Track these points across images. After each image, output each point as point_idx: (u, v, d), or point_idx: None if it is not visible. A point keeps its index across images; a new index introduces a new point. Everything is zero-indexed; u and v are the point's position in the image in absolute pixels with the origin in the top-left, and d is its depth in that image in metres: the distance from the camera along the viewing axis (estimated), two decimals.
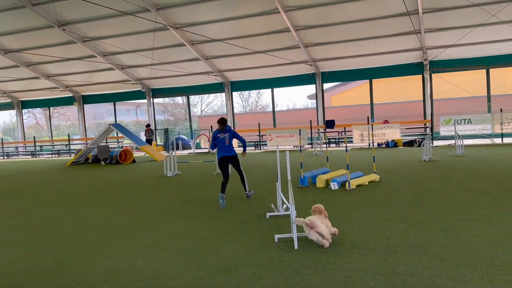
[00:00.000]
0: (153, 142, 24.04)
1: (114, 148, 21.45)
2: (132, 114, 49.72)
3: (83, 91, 27.99)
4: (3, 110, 31.32)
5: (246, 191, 8.16)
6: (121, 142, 26.73)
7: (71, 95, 27.91)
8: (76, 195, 9.98)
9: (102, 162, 18.52)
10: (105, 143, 22.35)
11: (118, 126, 20.06)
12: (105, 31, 20.46)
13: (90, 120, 38.63)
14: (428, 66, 20.47)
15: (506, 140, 18.49)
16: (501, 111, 18.36)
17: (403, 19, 17.62)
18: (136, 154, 21.70)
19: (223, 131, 8.01)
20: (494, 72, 20.60)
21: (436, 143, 18.84)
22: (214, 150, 8.39)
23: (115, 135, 26.35)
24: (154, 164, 17.07)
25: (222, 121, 8.02)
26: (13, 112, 31.41)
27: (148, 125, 24.00)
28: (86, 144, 23.69)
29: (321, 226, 4.81)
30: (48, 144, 30.59)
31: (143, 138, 23.58)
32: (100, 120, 43.26)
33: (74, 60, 22.61)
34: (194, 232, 5.80)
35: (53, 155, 27.64)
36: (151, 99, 26.67)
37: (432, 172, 10.28)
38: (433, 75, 20.85)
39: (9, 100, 29.57)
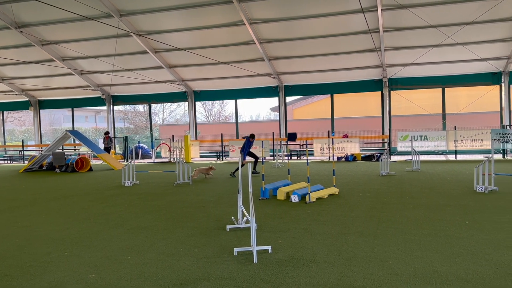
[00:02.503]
0: (112, 151, 23.43)
1: (71, 155, 20.75)
2: (91, 121, 48.50)
3: (40, 96, 26.99)
4: None
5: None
6: (78, 149, 25.89)
7: (27, 99, 26.85)
8: (26, 204, 9.51)
9: (57, 170, 17.84)
10: (61, 150, 21.60)
11: (75, 133, 19.42)
12: (65, 35, 19.87)
13: (47, 126, 37.32)
14: (387, 83, 21.09)
15: (460, 157, 19.26)
16: (455, 129, 19.13)
17: (364, 37, 18.12)
18: (93, 162, 21.06)
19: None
20: (449, 91, 21.49)
21: (394, 158, 19.37)
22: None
23: (72, 142, 25.52)
24: (111, 173, 16.60)
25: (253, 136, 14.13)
26: None
27: (107, 133, 23.38)
28: (41, 150, 22.79)
29: None
30: (0, 149, 29.21)
31: (102, 146, 22.94)
32: (57, 126, 41.90)
33: (31, 63, 21.81)
34: (150, 245, 5.62)
35: (5, 161, 26.39)
36: (111, 106, 26.04)
37: (389, 186, 10.51)
38: (391, 92, 21.50)
39: None
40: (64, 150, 23.78)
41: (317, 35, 18.53)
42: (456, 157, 19.15)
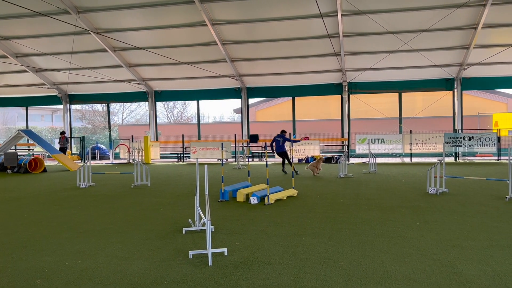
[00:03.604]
0: (68, 151, 22.70)
1: (24, 155, 19.95)
2: (47, 120, 46.89)
3: None
4: None
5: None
6: (32, 149, 24.93)
7: None
8: None
9: (9, 171, 17.11)
10: (13, 150, 20.73)
11: (29, 133, 18.69)
12: (19, 31, 19.10)
13: (0, 124, 35.75)
14: (346, 87, 21.53)
15: (415, 159, 19.91)
16: (410, 132, 19.77)
17: (325, 41, 18.42)
18: (47, 163, 20.34)
19: (280, 136, 14.05)
20: (405, 96, 22.19)
21: (352, 160, 19.80)
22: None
23: (26, 142, 24.55)
24: (67, 174, 16.09)
25: (283, 131, 14.42)
26: None
27: (63, 133, 22.63)
28: None
29: None
30: None
31: (58, 146, 22.19)
32: (11, 125, 40.26)
33: None
34: (103, 248, 5.48)
35: None
36: (68, 105, 25.24)
37: (346, 188, 10.73)
38: (351, 96, 21.96)
39: None
40: (17, 150, 22.84)
41: (279, 38, 18.68)
42: (411, 160, 19.79)
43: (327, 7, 16.30)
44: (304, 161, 20.03)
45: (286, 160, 14.32)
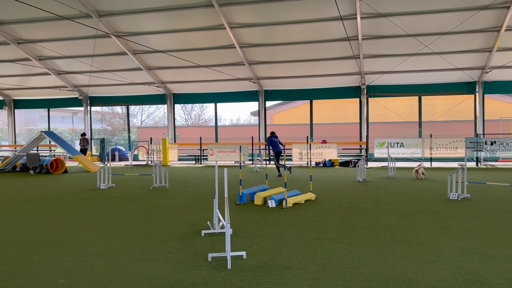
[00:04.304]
0: (88, 152, 23.05)
1: (45, 156, 20.32)
2: (68, 122, 47.67)
3: (15, 95, 26.38)
4: None
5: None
6: (54, 150, 25.38)
7: (1, 98, 26.21)
8: None
9: (31, 171, 17.44)
10: (35, 151, 21.13)
11: (50, 134, 19.05)
12: (42, 34, 19.49)
13: (22, 126, 36.52)
14: (365, 90, 21.36)
15: (435, 164, 19.62)
16: (430, 136, 19.49)
17: (343, 44, 18.33)
18: (68, 164, 20.68)
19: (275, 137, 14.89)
20: (425, 99, 21.90)
21: (370, 164, 19.61)
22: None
23: (48, 143, 25.01)
24: (87, 175, 16.32)
25: (274, 133, 15.17)
26: None
27: (83, 134, 23.00)
28: (15, 151, 22.24)
29: None
30: None
31: (78, 147, 22.55)
32: (32, 126, 41.03)
33: (7, 62, 21.31)
34: (123, 250, 5.53)
35: None
36: (88, 107, 25.64)
37: (365, 192, 10.63)
38: (369, 99, 21.78)
39: None
40: (39, 151, 23.28)
41: (297, 41, 18.65)
42: (431, 164, 19.50)
43: (346, 10, 16.22)
44: (321, 165, 19.93)
45: (278, 160, 15.13)
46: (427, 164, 19.66)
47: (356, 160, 19.19)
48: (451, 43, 17.80)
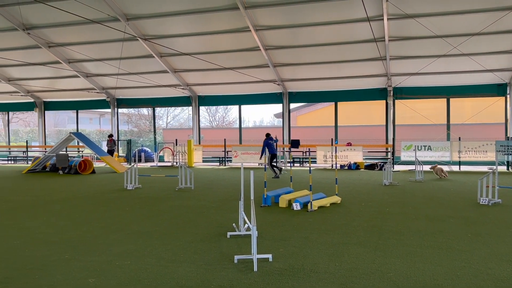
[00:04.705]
0: (115, 153, 23.46)
1: (74, 157, 20.79)
2: (95, 123, 48.64)
3: (45, 97, 27.11)
4: None
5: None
6: (82, 151, 25.94)
7: (32, 100, 26.97)
8: (27, 205, 9.52)
9: (60, 172, 17.87)
10: (64, 152, 21.64)
11: (79, 135, 19.48)
12: (72, 37, 19.97)
13: (51, 127, 37.46)
14: (392, 92, 21.06)
15: (464, 168, 19.16)
16: (459, 139, 19.05)
17: (369, 45, 18.12)
18: (96, 164, 21.09)
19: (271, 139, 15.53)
20: (454, 101, 21.42)
21: (397, 167, 19.29)
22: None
23: (76, 144, 25.57)
24: (114, 175, 16.61)
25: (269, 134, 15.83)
26: None
27: (110, 135, 23.42)
28: (45, 151, 22.86)
29: None
30: (4, 149, 29.31)
31: (105, 148, 22.97)
32: (61, 127, 42.03)
33: (38, 65, 21.91)
34: (150, 250, 5.61)
35: (9, 162, 26.47)
36: (116, 109, 26.11)
37: (392, 196, 10.46)
38: (396, 101, 21.46)
39: None
40: (68, 152, 23.83)
41: (322, 42, 18.54)
42: (460, 168, 19.05)
43: (373, 11, 16.04)
44: (346, 168, 19.74)
45: (274, 161, 15.75)
46: (455, 168, 19.23)
47: (382, 163, 18.92)
48: (481, 44, 17.37)
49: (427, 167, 15.90)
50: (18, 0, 16.35)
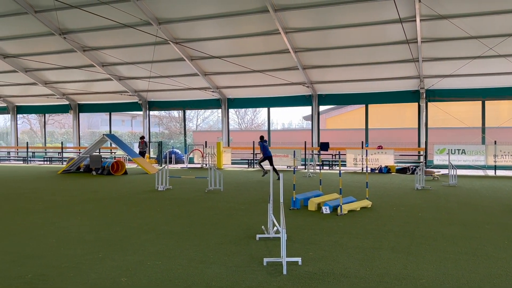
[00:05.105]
0: (146, 155, 23.89)
1: (107, 158, 21.29)
2: (127, 125, 49.64)
3: (80, 100, 27.90)
4: None
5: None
6: (114, 153, 26.54)
7: (67, 103, 27.81)
8: (63, 205, 9.82)
9: (94, 172, 18.33)
10: (98, 153, 22.20)
11: (112, 137, 19.94)
12: (105, 41, 20.49)
13: (85, 128, 38.47)
14: (424, 95, 20.61)
15: (499, 172, 18.54)
16: (495, 143, 18.45)
17: (401, 47, 17.80)
18: (128, 165, 21.53)
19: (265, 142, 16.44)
20: (489, 104, 20.78)
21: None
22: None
23: (109, 146, 26.19)
24: (145, 177, 16.92)
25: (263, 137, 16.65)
26: (7, 117, 31.16)
27: (142, 137, 23.88)
28: (79, 152, 23.51)
29: None
30: (40, 150, 30.32)
31: (137, 149, 23.43)
32: (94, 129, 43.12)
33: (73, 68, 22.59)
34: (181, 251, 5.68)
35: (45, 162, 27.36)
36: (147, 111, 26.61)
37: (424, 201, 10.24)
38: (429, 103, 20.99)
39: (5, 105, 29.37)
40: (101, 153, 24.43)
41: (352, 44, 18.35)
42: (495, 173, 18.44)
43: (405, 12, 15.75)
44: (377, 171, 19.43)
45: (270, 163, 16.27)
46: (490, 173, 18.63)
47: (414, 167, 18.55)
48: None
49: (461, 172, 15.48)
50: (55, 5, 16.89)
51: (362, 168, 19.99)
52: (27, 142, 28.88)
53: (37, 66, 23.29)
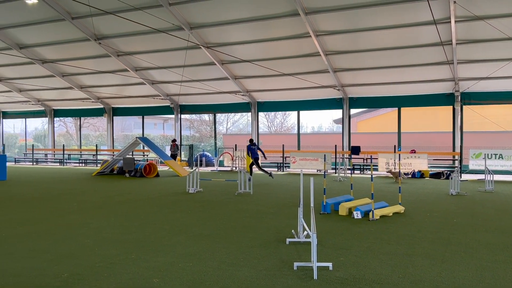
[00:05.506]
0: (178, 158, 24.23)
1: (140, 161, 21.71)
2: (159, 128, 50.48)
3: (114, 103, 28.60)
4: (36, 117, 32.25)
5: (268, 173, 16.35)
6: (147, 155, 27.04)
7: (101, 106, 28.55)
8: (97, 206, 10.07)
9: (127, 174, 18.73)
10: (131, 156, 22.66)
11: (144, 140, 20.33)
12: (139, 46, 20.94)
13: (118, 131, 39.37)
14: (459, 98, 20.07)
15: None
16: None
17: (435, 49, 17.41)
18: (160, 168, 21.89)
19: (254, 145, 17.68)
20: None
21: (465, 176, 18.32)
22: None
23: (141, 148, 26.71)
24: (177, 179, 17.15)
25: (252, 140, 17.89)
26: (45, 120, 32.30)
27: (174, 140, 24.24)
28: (113, 155, 24.09)
29: None
30: (76, 153, 31.25)
31: (169, 152, 23.80)
32: (128, 132, 44.05)
33: (107, 73, 23.18)
34: (212, 253, 5.73)
35: (80, 164, 28.17)
36: (179, 114, 27.00)
37: (459, 207, 9.96)
38: (464, 106, 20.43)
39: (43, 108, 30.44)
40: (134, 156, 24.93)
41: (384, 47, 18.08)
42: None
43: (439, 14, 15.40)
44: (410, 176, 19.04)
45: (256, 164, 17.50)
46: None
47: (448, 172, 18.07)
48: None
49: (498, 177, 14.98)
50: (91, 12, 17.41)
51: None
52: (63, 145, 29.84)
53: (73, 71, 24.03)
